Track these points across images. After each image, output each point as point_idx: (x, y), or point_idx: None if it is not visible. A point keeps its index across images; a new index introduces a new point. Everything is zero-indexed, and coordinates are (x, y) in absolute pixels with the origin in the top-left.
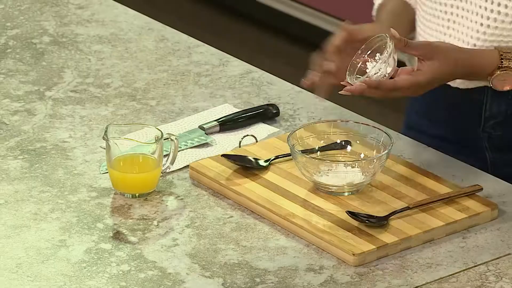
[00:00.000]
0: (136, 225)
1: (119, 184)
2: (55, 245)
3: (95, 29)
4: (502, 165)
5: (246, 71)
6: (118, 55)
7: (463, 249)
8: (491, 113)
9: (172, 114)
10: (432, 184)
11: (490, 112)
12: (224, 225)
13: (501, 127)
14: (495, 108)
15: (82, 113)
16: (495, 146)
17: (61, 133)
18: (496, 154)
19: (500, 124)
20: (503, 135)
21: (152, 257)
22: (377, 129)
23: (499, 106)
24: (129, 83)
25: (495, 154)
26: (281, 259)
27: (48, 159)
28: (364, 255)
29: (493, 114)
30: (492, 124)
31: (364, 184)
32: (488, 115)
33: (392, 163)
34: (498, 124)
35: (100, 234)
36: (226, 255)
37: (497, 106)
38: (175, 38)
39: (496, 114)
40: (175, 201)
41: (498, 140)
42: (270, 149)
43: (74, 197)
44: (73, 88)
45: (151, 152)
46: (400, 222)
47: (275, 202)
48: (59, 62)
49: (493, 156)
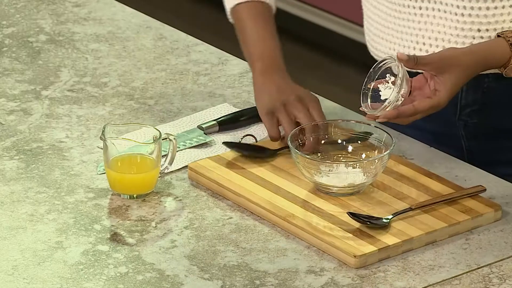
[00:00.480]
0: (134, 227)
1: (117, 185)
2: (51, 246)
3: (92, 28)
4: (477, 153)
5: (245, 70)
6: (115, 54)
7: (466, 251)
8: (467, 101)
9: (171, 114)
10: (435, 184)
11: (466, 101)
12: (223, 226)
13: (477, 115)
14: (470, 96)
15: (79, 112)
16: (471, 134)
17: (58, 133)
18: (472, 142)
19: (476, 112)
20: (479, 123)
21: (150, 259)
22: (379, 128)
23: (475, 94)
24: (127, 82)
25: (470, 142)
26: (281, 261)
27: (45, 159)
28: (366, 257)
29: (469, 102)
30: (468, 112)
31: (365, 185)
32: (464, 103)
33: (394, 163)
34: (474, 112)
35: (97, 236)
36: (225, 257)
37: (473, 94)
38: (174, 37)
39: (472, 102)
40: (173, 202)
41: (474, 128)
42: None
43: (71, 198)
44: (70, 87)
45: (149, 153)
46: (402, 223)
47: (275, 203)
48: (55, 61)
49: (469, 144)
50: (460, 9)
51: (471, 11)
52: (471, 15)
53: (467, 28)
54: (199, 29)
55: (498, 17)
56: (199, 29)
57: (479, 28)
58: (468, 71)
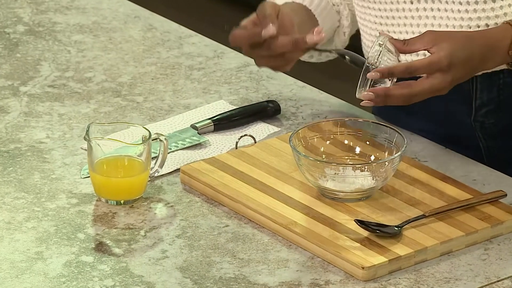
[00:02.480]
0: (121, 236)
1: (102, 190)
2: (30, 257)
3: (75, 17)
4: (498, 153)
5: (243, 64)
6: (101, 46)
7: (485, 262)
8: (482, 101)
9: (161, 112)
10: (451, 189)
11: (481, 100)
12: (219, 235)
13: (493, 115)
14: (485, 95)
15: (61, 110)
16: (489, 135)
17: (38, 133)
18: (490, 142)
19: (493, 112)
20: (496, 123)
21: (138, 271)
22: (389, 128)
23: (490, 93)
24: (113, 78)
25: (489, 143)
26: (282, 273)
27: (23, 162)
28: (375, 268)
29: (484, 102)
30: (484, 112)
31: (374, 190)
32: (479, 103)
33: (406, 166)
34: (490, 112)
35: (81, 246)
36: (221, 269)
37: (488, 93)
38: (165, 27)
39: (487, 101)
40: (164, 208)
41: (491, 129)
42: (270, 151)
43: (52, 204)
44: (51, 83)
45: (137, 154)
46: (414, 232)
47: (275, 209)
48: (35, 54)
49: (487, 144)
50: (463, 5)
51: (476, 6)
52: (476, 10)
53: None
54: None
55: (506, 9)
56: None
57: (486, 23)
58: (469, 43)
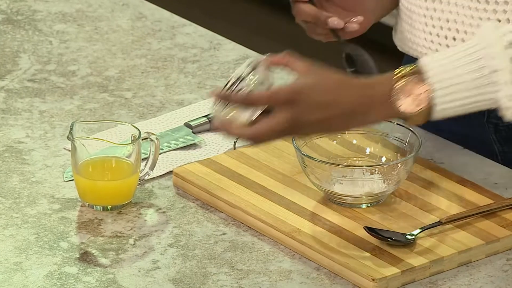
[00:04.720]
0: (108, 244)
1: (87, 194)
2: (9, 268)
3: (57, 5)
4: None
5: (241, 56)
6: (85, 37)
7: (507, 273)
8: None
9: (152, 109)
10: (469, 193)
11: None
12: (215, 244)
13: None
14: None
15: (41, 107)
16: (503, 138)
17: (16, 131)
18: (506, 146)
19: None
20: (511, 126)
21: (127, 283)
22: (402, 126)
23: None
24: (100, 71)
25: (504, 146)
26: (284, 285)
27: (0, 163)
28: (386, 280)
29: None
30: (497, 113)
31: (386, 194)
32: None
33: (420, 168)
34: None
35: (64, 255)
36: (217, 281)
37: None
38: (156, 16)
39: None
40: (155, 214)
41: (506, 132)
42: (271, 151)
43: (32, 210)
44: (31, 77)
45: (126, 155)
46: (430, 240)
47: (277, 216)
48: (13, 45)
49: (502, 148)
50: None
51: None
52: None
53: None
54: (186, 7)
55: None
56: (186, 7)
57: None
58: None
